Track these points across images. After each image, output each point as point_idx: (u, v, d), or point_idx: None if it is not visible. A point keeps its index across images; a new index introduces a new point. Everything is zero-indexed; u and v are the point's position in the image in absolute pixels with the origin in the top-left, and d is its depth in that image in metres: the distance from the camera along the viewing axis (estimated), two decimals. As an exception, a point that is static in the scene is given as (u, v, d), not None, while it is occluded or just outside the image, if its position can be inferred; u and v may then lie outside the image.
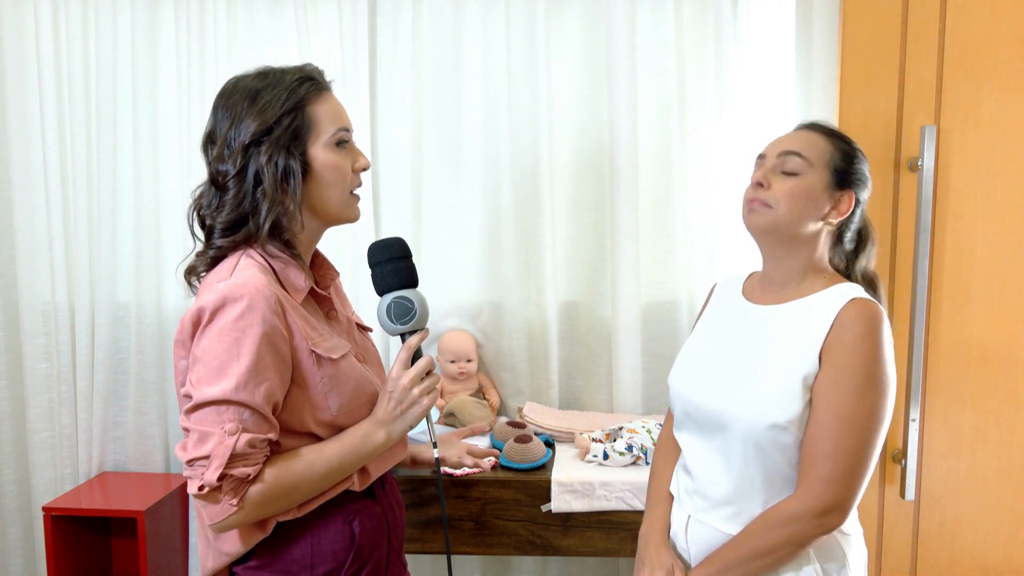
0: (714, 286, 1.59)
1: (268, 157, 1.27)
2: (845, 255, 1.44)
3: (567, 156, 2.61)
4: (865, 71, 2.17)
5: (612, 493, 2.11)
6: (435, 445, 1.44)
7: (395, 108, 2.55)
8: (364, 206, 2.53)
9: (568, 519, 2.15)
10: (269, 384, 1.23)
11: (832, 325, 1.31)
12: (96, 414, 2.64)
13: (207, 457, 1.20)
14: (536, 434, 2.32)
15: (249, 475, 1.22)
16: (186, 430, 1.23)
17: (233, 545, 1.30)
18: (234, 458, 1.20)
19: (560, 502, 2.13)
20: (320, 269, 1.48)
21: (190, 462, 1.21)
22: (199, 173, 1.40)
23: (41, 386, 2.64)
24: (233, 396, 1.20)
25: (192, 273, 1.36)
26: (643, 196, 2.55)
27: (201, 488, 1.20)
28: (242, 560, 1.32)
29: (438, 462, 1.46)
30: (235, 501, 1.22)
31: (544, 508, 2.14)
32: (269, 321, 1.23)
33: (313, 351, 1.30)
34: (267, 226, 1.27)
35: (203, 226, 1.34)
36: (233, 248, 1.31)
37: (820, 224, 1.37)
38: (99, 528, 2.65)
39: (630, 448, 2.22)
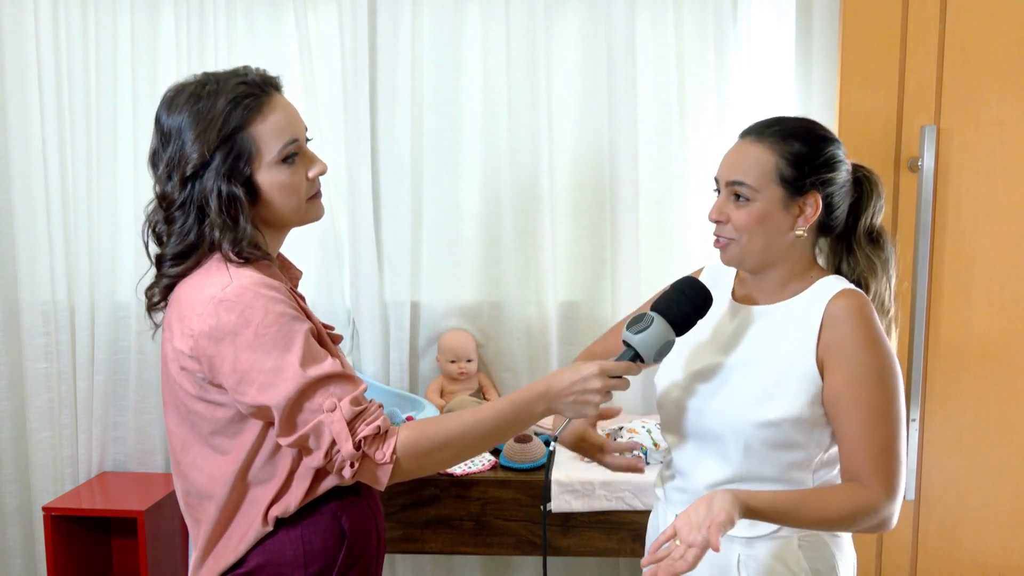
0: (701, 269, 1.54)
1: (210, 188, 1.24)
2: (840, 233, 1.40)
3: (567, 156, 2.61)
4: (865, 71, 2.17)
5: (612, 493, 2.12)
6: (554, 439, 1.41)
7: (395, 108, 2.55)
8: (365, 206, 2.55)
9: (568, 519, 2.15)
10: (324, 350, 1.26)
11: (823, 322, 1.29)
12: (96, 414, 2.64)
13: (333, 442, 1.22)
14: (536, 434, 2.32)
15: (379, 428, 1.24)
16: (297, 444, 1.24)
17: (233, 551, 1.30)
18: (352, 424, 1.22)
19: (560, 502, 2.13)
20: (284, 270, 1.45)
21: (327, 458, 1.23)
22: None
23: (41, 386, 2.63)
24: (306, 380, 1.21)
25: (152, 305, 1.34)
26: (643, 196, 2.55)
27: (352, 466, 1.23)
28: (233, 567, 1.31)
29: (552, 454, 1.40)
30: (386, 457, 1.24)
31: (544, 508, 2.14)
32: (287, 302, 1.25)
33: (328, 328, 1.33)
34: (226, 246, 1.25)
35: (159, 242, 1.32)
36: (193, 266, 1.28)
37: (791, 235, 1.33)
38: (99, 528, 2.65)
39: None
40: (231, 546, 1.30)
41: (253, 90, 1.27)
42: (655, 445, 2.23)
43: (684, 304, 1.32)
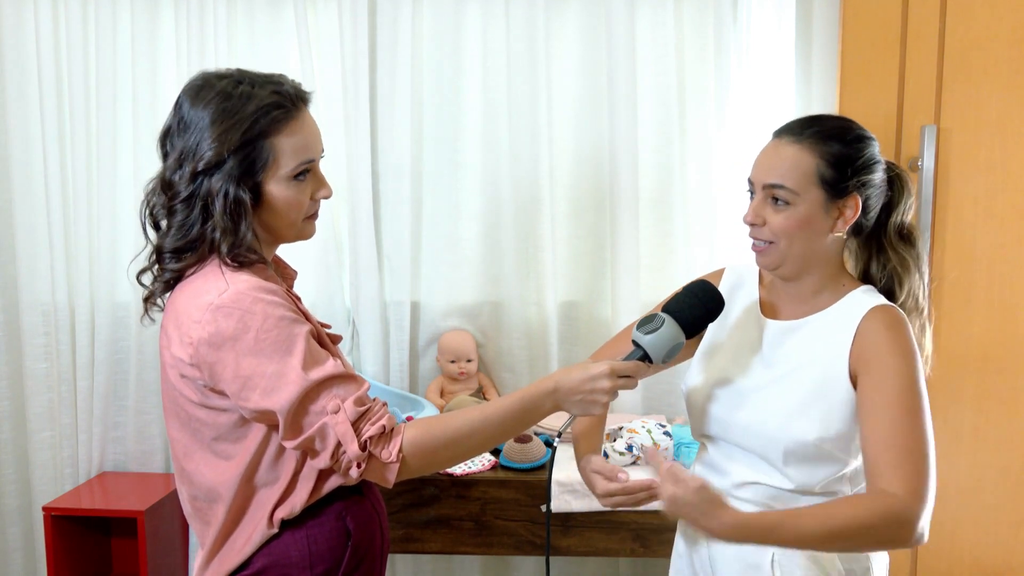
0: (723, 270, 1.50)
1: (218, 187, 1.24)
2: (869, 232, 1.37)
3: (567, 156, 2.61)
4: (865, 71, 2.17)
5: (612, 493, 2.11)
6: (558, 435, 1.36)
7: (395, 108, 2.55)
8: (365, 206, 2.55)
9: (568, 519, 2.15)
10: (325, 351, 1.26)
11: (856, 335, 1.28)
12: (96, 414, 2.64)
13: (339, 444, 1.22)
14: (536, 434, 2.32)
15: (384, 427, 1.24)
16: (303, 447, 1.23)
17: (239, 553, 1.30)
18: (357, 425, 1.22)
19: (560, 502, 2.12)
20: (278, 271, 1.45)
21: (333, 460, 1.23)
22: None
23: (41, 386, 2.63)
24: (309, 383, 1.21)
25: (150, 298, 1.33)
26: (643, 196, 2.55)
27: (359, 467, 1.23)
28: (238, 570, 1.31)
29: (553, 454, 1.39)
30: (392, 456, 1.24)
31: (544, 508, 2.14)
32: (286, 305, 1.24)
33: (326, 329, 1.33)
34: (224, 249, 1.25)
35: (155, 226, 1.31)
36: (194, 263, 1.28)
37: (830, 238, 1.31)
38: (99, 528, 2.65)
39: (630, 448, 2.22)
40: (236, 548, 1.30)
41: (285, 102, 1.27)
42: (655, 445, 2.23)
43: (696, 307, 1.31)
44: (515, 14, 2.50)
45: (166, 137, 1.30)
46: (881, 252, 1.37)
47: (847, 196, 1.29)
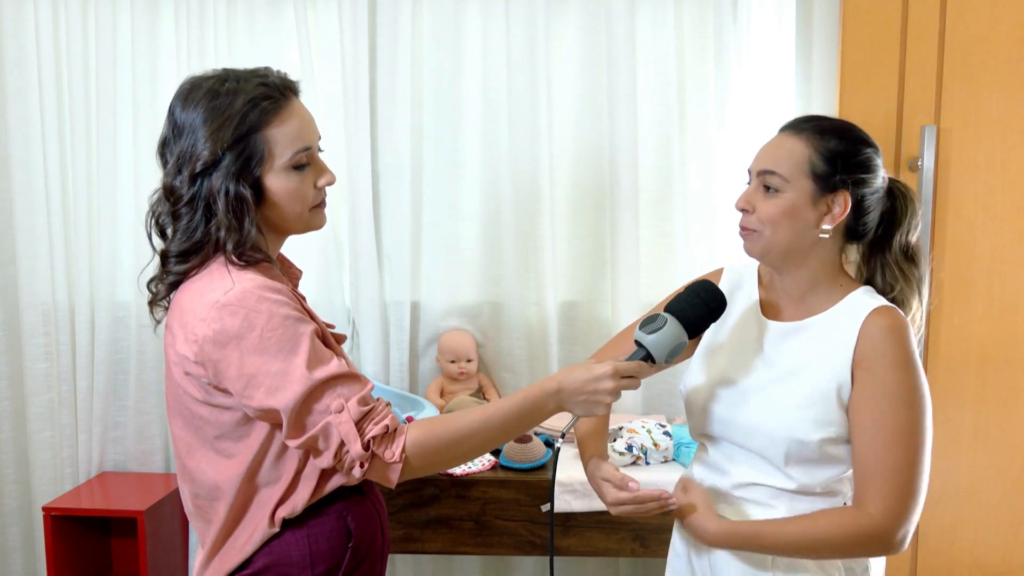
0: (721, 269, 1.51)
1: (218, 186, 1.24)
2: (869, 243, 1.38)
3: (567, 156, 2.61)
4: (865, 71, 2.17)
5: (612, 493, 2.11)
6: (562, 436, 1.36)
7: (395, 108, 2.55)
8: (365, 206, 2.55)
9: (568, 519, 2.15)
10: (329, 350, 1.27)
11: (859, 337, 1.28)
12: (96, 414, 2.64)
13: (342, 443, 1.22)
14: (536, 434, 2.32)
15: (388, 427, 1.24)
16: (306, 446, 1.23)
17: (240, 552, 1.30)
18: (360, 424, 1.23)
19: (560, 502, 2.13)
20: (284, 270, 1.45)
21: (336, 459, 1.23)
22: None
23: (41, 386, 2.63)
24: (313, 382, 1.21)
25: (155, 300, 1.34)
26: (643, 196, 2.56)
27: (362, 467, 1.23)
28: (239, 568, 1.31)
29: (557, 451, 1.39)
30: (395, 456, 1.24)
31: (544, 508, 2.13)
32: (291, 304, 1.24)
33: (330, 329, 1.34)
34: (229, 247, 1.25)
35: (162, 234, 1.32)
36: (198, 264, 1.28)
37: (815, 233, 1.31)
38: (99, 528, 2.65)
39: (630, 448, 2.22)
40: (237, 547, 1.30)
41: (273, 92, 1.27)
42: (655, 445, 2.23)
43: (699, 307, 1.32)
44: (515, 14, 2.50)
45: (164, 146, 1.30)
46: (886, 267, 1.38)
47: (836, 192, 1.30)
